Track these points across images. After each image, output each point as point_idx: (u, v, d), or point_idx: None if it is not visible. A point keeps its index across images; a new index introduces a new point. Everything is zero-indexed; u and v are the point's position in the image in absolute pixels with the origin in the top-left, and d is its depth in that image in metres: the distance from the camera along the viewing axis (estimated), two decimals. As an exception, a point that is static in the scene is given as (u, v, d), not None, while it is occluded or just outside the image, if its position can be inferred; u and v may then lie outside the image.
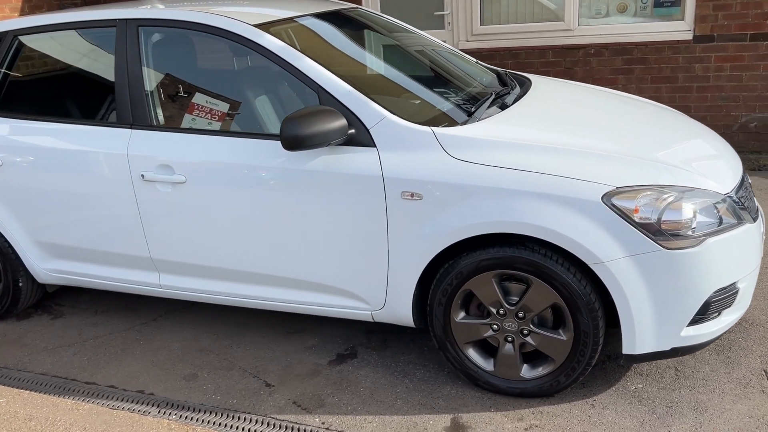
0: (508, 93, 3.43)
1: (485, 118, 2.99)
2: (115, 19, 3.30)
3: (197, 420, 2.90)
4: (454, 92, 3.33)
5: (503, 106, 3.21)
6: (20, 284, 3.75)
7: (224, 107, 3.15)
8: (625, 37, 6.10)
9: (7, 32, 3.55)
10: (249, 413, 2.94)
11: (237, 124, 3.14)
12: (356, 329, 3.54)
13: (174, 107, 3.23)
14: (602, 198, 2.56)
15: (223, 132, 3.09)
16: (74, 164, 3.32)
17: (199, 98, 3.19)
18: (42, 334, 3.74)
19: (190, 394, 3.11)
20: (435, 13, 6.59)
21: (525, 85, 3.64)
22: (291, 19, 3.35)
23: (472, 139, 2.76)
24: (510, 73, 3.98)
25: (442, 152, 2.76)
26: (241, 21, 3.09)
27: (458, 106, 3.15)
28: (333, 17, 3.63)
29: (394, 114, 2.85)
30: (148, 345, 3.54)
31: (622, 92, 4.03)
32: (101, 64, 3.39)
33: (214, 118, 3.16)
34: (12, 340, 3.69)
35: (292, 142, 2.71)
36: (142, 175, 3.17)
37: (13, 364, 3.46)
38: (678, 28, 5.96)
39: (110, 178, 3.26)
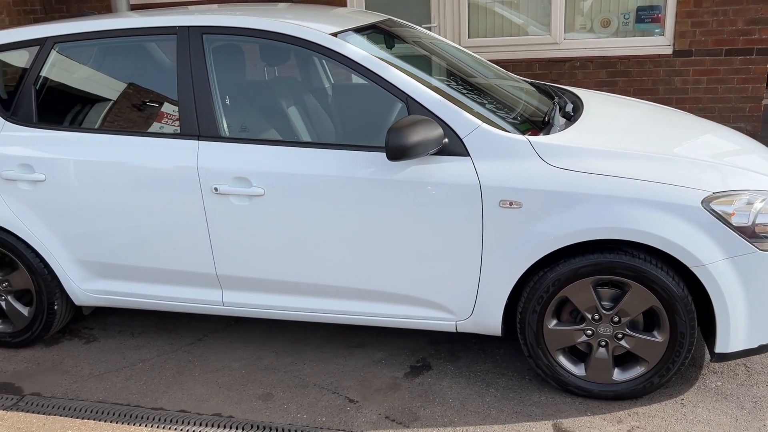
0: (565, 103, 3.51)
1: (566, 128, 3.04)
2: (176, 26, 3.17)
3: (292, 440, 2.80)
4: (515, 103, 3.37)
5: (566, 116, 3.28)
6: (55, 307, 3.51)
7: (301, 117, 3.08)
8: (608, 51, 6.35)
9: (45, 38, 3.33)
10: (343, 430, 2.86)
11: (317, 134, 3.07)
12: (420, 341, 3.51)
13: (245, 117, 3.13)
14: (702, 203, 2.66)
15: (306, 143, 3.02)
16: (130, 178, 3.15)
17: (271, 108, 3.10)
18: (80, 359, 3.52)
19: (272, 414, 2.99)
20: (422, 26, 6.64)
21: (567, 95, 3.73)
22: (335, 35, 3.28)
23: (568, 147, 2.81)
24: (547, 84, 4.06)
25: (539, 160, 2.79)
26: (320, 30, 3.03)
27: (530, 115, 3.20)
28: (373, 30, 3.58)
29: (486, 123, 2.86)
30: (205, 366, 3.39)
31: (649, 102, 4.19)
32: (156, 73, 3.25)
33: (291, 127, 3.08)
34: (49, 368, 3.45)
35: (398, 151, 2.68)
36: (215, 189, 3.04)
37: (62, 393, 3.23)
38: (659, 43, 6.26)
39: (175, 192, 3.11)
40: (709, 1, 6.06)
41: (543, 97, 3.65)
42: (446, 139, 2.83)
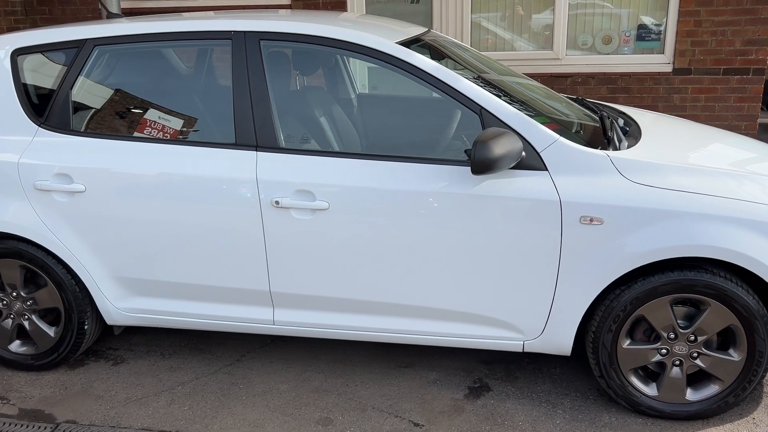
0: (615, 119, 3.48)
1: (634, 144, 3.00)
2: (231, 31, 3.01)
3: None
4: (572, 117, 3.32)
5: (624, 132, 3.25)
6: (85, 327, 3.28)
7: (361, 128, 2.96)
8: (610, 68, 6.41)
9: (84, 40, 3.12)
10: (415, 457, 2.73)
11: (381, 146, 2.95)
12: (471, 360, 3.41)
13: (304, 127, 2.98)
14: None
15: (372, 155, 2.89)
16: (179, 190, 2.97)
17: (331, 118, 2.97)
18: (112, 383, 3.29)
19: (336, 440, 2.85)
20: (425, 39, 6.58)
21: (606, 109, 3.71)
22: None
23: (648, 163, 2.76)
24: (586, 99, 4.03)
25: (619, 176, 2.73)
26: (386, 39, 2.92)
27: (590, 131, 3.14)
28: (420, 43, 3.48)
29: (563, 137, 2.80)
30: (250, 388, 3.21)
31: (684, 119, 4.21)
32: (206, 79, 3.08)
33: (351, 139, 2.95)
34: (79, 393, 3.21)
35: (484, 165, 2.59)
36: (277, 201, 2.88)
37: (101, 420, 3.01)
38: (659, 61, 6.34)
39: (230, 205, 2.94)
40: (709, 21, 6.18)
41: (589, 112, 3.61)
42: (524, 153, 2.75)
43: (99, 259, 3.13)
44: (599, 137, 3.04)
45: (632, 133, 3.23)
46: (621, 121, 3.43)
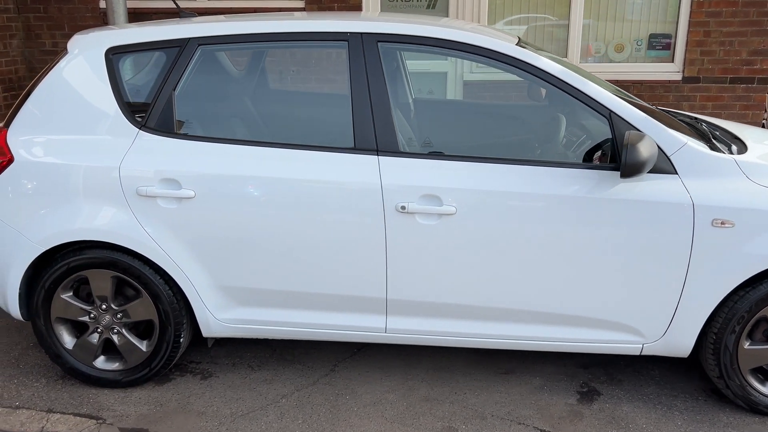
0: (712, 126, 3.54)
1: (744, 150, 3.06)
2: (347, 32, 2.93)
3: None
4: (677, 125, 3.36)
5: (720, 140, 3.31)
6: (181, 339, 3.12)
7: (484, 131, 2.93)
8: (622, 75, 6.55)
9: (187, 39, 2.98)
10: (555, 463, 2.71)
11: (505, 149, 2.92)
12: (568, 364, 3.41)
13: (426, 131, 2.93)
14: None
15: (500, 159, 2.85)
16: (294, 195, 2.87)
17: (452, 121, 2.93)
18: (209, 398, 3.14)
19: (468, 449, 2.79)
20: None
21: (690, 117, 3.79)
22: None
23: (770, 167, 2.82)
24: (664, 109, 4.10)
25: (745, 179, 2.78)
26: (508, 43, 2.90)
27: (701, 136, 3.20)
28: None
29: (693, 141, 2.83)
30: (357, 399, 3.12)
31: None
32: (320, 81, 2.98)
33: (474, 142, 2.91)
34: (177, 409, 3.06)
35: (634, 168, 2.60)
36: (403, 207, 2.81)
37: (213, 437, 2.87)
38: (669, 69, 6.53)
39: (350, 211, 2.85)
40: (717, 32, 6.40)
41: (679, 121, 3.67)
42: (655, 157, 2.77)
43: (204, 268, 2.99)
44: (708, 143, 3.09)
45: (727, 138, 3.30)
46: (710, 128, 3.49)
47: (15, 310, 3.11)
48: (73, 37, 3.15)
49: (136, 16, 6.61)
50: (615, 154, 2.81)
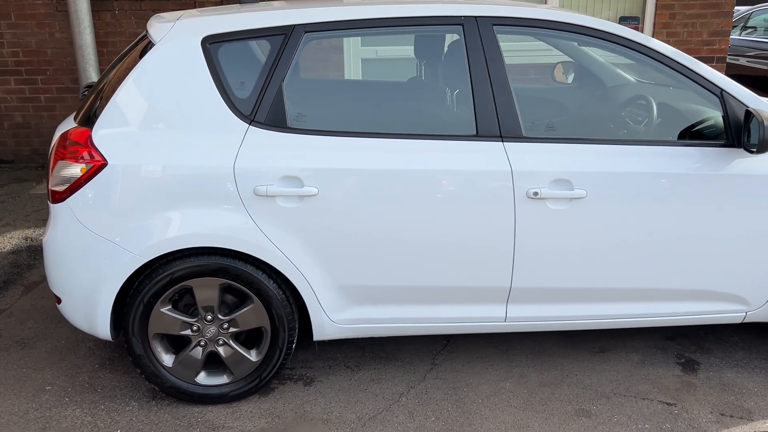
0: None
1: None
2: (461, 16, 2.85)
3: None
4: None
5: None
6: (293, 345, 2.95)
7: (598, 113, 2.94)
8: (595, 57, 6.77)
9: (292, 26, 2.79)
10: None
11: (625, 130, 2.95)
12: (653, 338, 3.51)
13: (545, 115, 2.91)
14: None
15: (625, 140, 2.88)
16: (421, 187, 2.77)
17: (565, 103, 2.92)
18: (325, 404, 2.99)
19: (612, 429, 2.82)
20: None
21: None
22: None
23: None
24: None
25: None
26: (621, 25, 2.93)
27: None
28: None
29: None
30: (477, 390, 3.08)
31: None
32: (436, 67, 2.89)
33: (592, 124, 2.93)
34: (298, 420, 2.89)
35: (768, 144, 2.70)
36: (536, 193, 2.78)
37: (354, 444, 2.74)
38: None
39: (477, 199, 2.79)
40: (681, 14, 6.75)
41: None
42: (765, 133, 2.89)
43: (324, 268, 2.83)
44: None
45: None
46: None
47: (105, 330, 2.83)
48: (152, 24, 2.88)
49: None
50: (727, 132, 2.90)
